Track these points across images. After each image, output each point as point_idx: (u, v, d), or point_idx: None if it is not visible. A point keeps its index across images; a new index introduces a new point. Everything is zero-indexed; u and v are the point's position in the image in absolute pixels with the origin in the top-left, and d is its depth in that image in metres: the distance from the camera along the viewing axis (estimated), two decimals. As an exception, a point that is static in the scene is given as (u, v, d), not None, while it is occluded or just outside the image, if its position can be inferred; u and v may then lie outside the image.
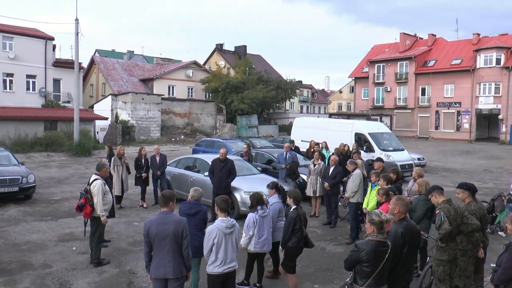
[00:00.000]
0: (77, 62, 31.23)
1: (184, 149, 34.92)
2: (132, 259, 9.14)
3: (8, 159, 16.27)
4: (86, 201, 8.41)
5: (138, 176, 14.23)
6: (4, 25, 40.23)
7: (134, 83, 49.91)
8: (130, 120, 39.97)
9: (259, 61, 66.67)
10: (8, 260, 9.02)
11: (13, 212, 13.36)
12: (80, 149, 29.36)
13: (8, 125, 31.28)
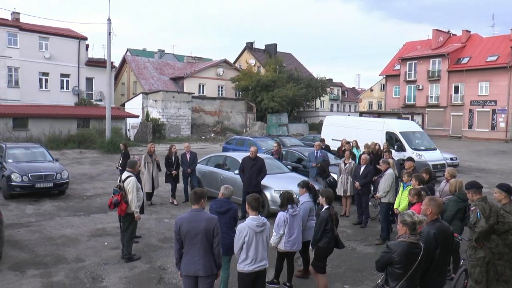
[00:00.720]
0: (109, 61, 31.70)
1: (214, 147, 35.08)
2: (163, 255, 9.23)
3: (43, 155, 16.70)
4: (121, 198, 8.53)
5: (169, 173, 14.34)
6: (41, 26, 41.36)
7: (165, 82, 50.42)
8: (161, 118, 40.39)
9: (290, 59, 66.44)
10: (43, 253, 9.27)
11: (48, 207, 13.70)
12: (111, 146, 29.78)
13: (43, 123, 32.03)
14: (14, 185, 14.34)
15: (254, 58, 62.16)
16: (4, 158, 15.81)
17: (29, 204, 13.99)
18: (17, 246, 9.74)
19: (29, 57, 39.29)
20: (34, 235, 10.62)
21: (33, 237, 10.46)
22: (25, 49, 39.27)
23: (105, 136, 30.58)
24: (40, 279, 7.95)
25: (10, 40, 38.82)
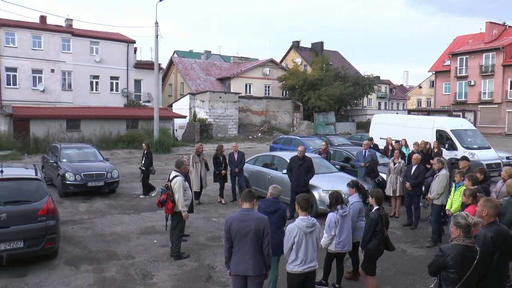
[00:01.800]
0: (157, 63, 32.31)
1: (261, 146, 35.16)
2: (211, 254, 9.31)
3: (94, 155, 17.23)
4: (167, 197, 8.68)
5: (217, 173, 14.44)
6: (91, 31, 42.79)
7: (212, 82, 50.95)
8: (208, 118, 40.83)
9: (336, 57, 65.77)
10: (96, 250, 9.57)
11: (99, 205, 14.11)
12: (159, 146, 30.34)
13: (94, 124, 33.05)
14: (68, 183, 14.91)
15: (301, 57, 61.85)
16: (59, 158, 16.41)
17: (82, 202, 14.46)
18: (72, 242, 10.10)
19: (81, 61, 40.77)
20: (87, 231, 10.97)
21: (86, 233, 10.80)
22: (77, 54, 40.76)
23: (153, 136, 31.16)
24: (93, 274, 8.20)
25: (64, 46, 40.47)
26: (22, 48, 38.68)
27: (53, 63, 39.87)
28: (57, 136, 30.65)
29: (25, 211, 8.29)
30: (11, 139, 29.22)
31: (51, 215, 8.50)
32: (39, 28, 40.14)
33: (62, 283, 7.80)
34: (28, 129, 30.87)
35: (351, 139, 29.48)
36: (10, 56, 38.15)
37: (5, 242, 7.97)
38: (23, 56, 38.60)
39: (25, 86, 38.91)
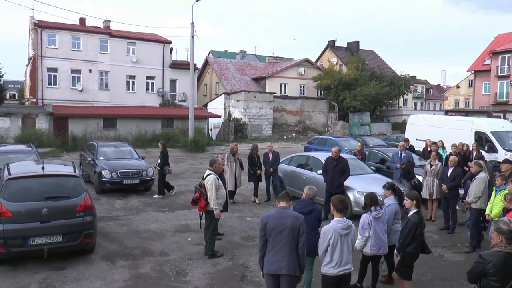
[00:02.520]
0: (193, 63, 32.60)
1: (296, 146, 35.06)
2: (245, 253, 9.32)
3: (130, 153, 17.54)
4: (200, 195, 8.75)
5: (252, 172, 14.44)
6: (128, 32, 43.69)
7: (247, 82, 51.07)
8: (243, 118, 40.93)
9: (372, 56, 64.93)
10: (131, 246, 9.73)
11: (135, 202, 14.35)
12: (194, 146, 30.61)
13: (130, 123, 33.60)
14: (104, 180, 15.25)
15: (336, 56, 61.37)
16: (96, 155, 16.76)
17: (118, 199, 14.74)
18: (108, 238, 10.31)
19: (118, 61, 41.62)
20: (122, 228, 11.17)
21: (121, 230, 11.01)
22: (115, 54, 41.63)
23: (188, 136, 31.46)
24: (129, 270, 8.35)
25: (101, 46, 41.51)
26: (62, 49, 39.82)
27: (91, 63, 40.85)
28: (94, 135, 31.35)
29: (64, 206, 8.53)
30: (51, 137, 30.06)
31: (89, 211, 8.73)
32: (78, 30, 41.27)
33: (98, 277, 7.98)
34: (67, 127, 31.68)
35: (386, 140, 29.09)
36: (51, 57, 39.34)
37: (46, 236, 8.25)
38: (63, 57, 39.74)
39: (64, 86, 40.02)
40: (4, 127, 29.98)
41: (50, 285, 7.65)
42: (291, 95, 49.59)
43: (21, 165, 10.16)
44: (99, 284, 7.70)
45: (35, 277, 7.96)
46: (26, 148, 16.56)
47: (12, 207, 8.15)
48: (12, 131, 29.92)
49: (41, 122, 31.08)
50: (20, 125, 30.49)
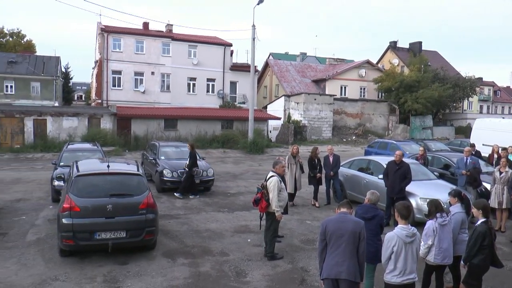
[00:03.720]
0: (253, 65, 32.80)
1: (356, 150, 34.55)
2: (305, 256, 9.21)
3: (191, 154, 17.75)
4: (262, 196, 8.72)
5: (312, 175, 14.29)
6: (190, 35, 44.67)
7: (307, 84, 50.83)
8: (302, 120, 40.76)
9: (435, 57, 62.99)
10: (191, 245, 9.87)
11: (195, 202, 14.56)
12: (253, 147, 30.80)
13: (190, 124, 34.27)
14: (165, 180, 15.59)
15: (398, 57, 59.99)
16: (157, 155, 17.15)
17: (178, 198, 14.97)
18: (168, 235, 10.50)
19: (179, 64, 42.64)
20: (183, 226, 11.35)
21: (182, 228, 11.18)
22: (176, 57, 42.69)
23: (248, 137, 31.68)
24: (189, 268, 8.47)
25: (164, 50, 42.72)
26: (127, 52, 41.32)
27: (154, 66, 42.09)
28: (155, 135, 32.22)
29: (128, 204, 8.78)
30: (115, 136, 31.25)
31: (151, 209, 8.93)
32: (142, 34, 42.66)
33: (159, 273, 8.14)
34: (129, 127, 32.76)
35: (449, 144, 28.05)
36: (115, 60, 40.91)
37: (110, 231, 8.54)
38: (127, 60, 41.22)
39: (128, 88, 41.46)
40: (72, 126, 31.42)
41: (114, 278, 7.89)
42: (351, 97, 48.90)
43: (88, 163, 10.58)
44: (160, 280, 7.85)
45: (100, 270, 8.27)
46: (92, 146, 17.30)
47: (80, 203, 8.49)
48: (79, 130, 31.31)
49: (105, 122, 32.28)
50: (87, 124, 31.84)
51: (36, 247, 9.56)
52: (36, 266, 8.43)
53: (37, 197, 15.00)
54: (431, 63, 55.76)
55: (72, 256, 8.84)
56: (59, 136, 30.78)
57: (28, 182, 17.94)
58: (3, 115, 30.50)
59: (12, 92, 49.71)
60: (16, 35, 74.73)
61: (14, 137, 30.43)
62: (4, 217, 12.09)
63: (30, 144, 30.05)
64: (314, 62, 64.85)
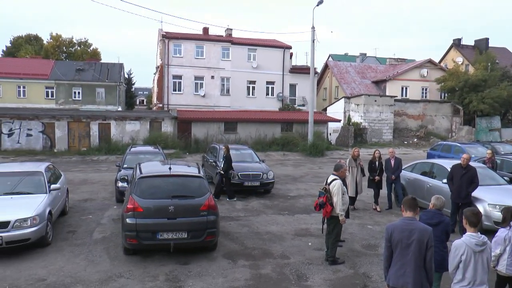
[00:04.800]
0: (313, 67, 32.60)
1: (417, 152, 33.60)
2: (366, 262, 9.00)
3: (251, 156, 17.91)
4: (326, 200, 8.57)
5: (371, 178, 14.01)
6: (249, 39, 45.23)
7: (367, 85, 49.99)
8: (362, 122, 40.13)
9: (504, 54, 59.83)
10: (252, 247, 9.88)
11: (255, 204, 14.59)
12: (313, 150, 30.61)
13: (250, 127, 34.47)
14: (226, 182, 15.61)
15: (462, 55, 57.71)
16: (218, 158, 17.33)
17: (239, 200, 15.11)
18: (229, 237, 10.57)
19: (238, 67, 43.20)
20: (243, 228, 11.39)
21: (242, 230, 11.23)
22: (236, 61, 43.30)
23: (307, 140, 31.51)
24: (250, 269, 8.47)
25: (223, 54, 43.49)
26: (187, 57, 42.32)
27: (213, 70, 42.84)
28: (215, 138, 32.66)
29: (189, 205, 8.92)
30: (175, 139, 32.03)
31: (212, 211, 9.02)
32: (202, 39, 43.57)
33: (220, 274, 8.20)
34: (190, 131, 33.41)
35: (520, 147, 26.65)
36: (176, 65, 42.02)
37: (172, 232, 8.70)
38: (187, 65, 42.22)
39: (188, 92, 42.43)
40: (135, 130, 32.41)
41: (175, 278, 8.03)
42: (412, 98, 47.55)
43: (151, 165, 10.83)
44: (221, 281, 7.90)
45: (162, 269, 8.45)
46: (153, 149, 17.73)
47: (143, 203, 8.72)
48: (141, 133, 32.27)
49: (166, 126, 33.06)
50: (148, 128, 32.74)
51: (102, 245, 9.95)
52: (102, 263, 8.78)
53: (102, 198, 15.55)
54: (499, 60, 53.14)
55: (136, 255, 9.12)
56: (122, 139, 31.91)
57: (94, 183, 18.62)
58: (72, 120, 31.96)
59: (79, 98, 52.17)
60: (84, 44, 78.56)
61: (81, 140, 31.85)
62: (73, 216, 12.67)
63: (96, 147, 31.38)
64: (374, 62, 63.68)
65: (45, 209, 9.86)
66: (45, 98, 52.09)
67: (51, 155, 29.20)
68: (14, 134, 30.91)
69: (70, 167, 23.95)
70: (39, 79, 52.08)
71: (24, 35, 77.93)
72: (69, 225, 11.65)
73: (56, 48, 74.77)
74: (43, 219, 9.57)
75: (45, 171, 11.56)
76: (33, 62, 57.04)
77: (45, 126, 31.39)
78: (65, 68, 54.84)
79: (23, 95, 52.07)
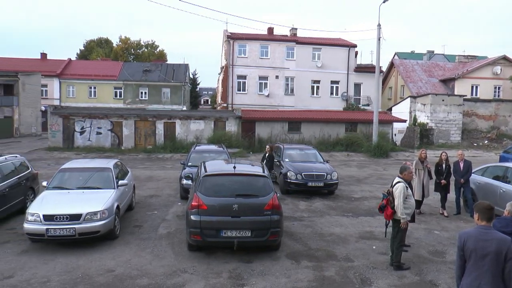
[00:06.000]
0: (378, 66, 31.87)
1: (488, 155, 32.11)
2: (433, 269, 8.62)
3: (315, 157, 17.75)
4: (387, 203, 8.38)
5: (438, 182, 13.45)
6: (314, 38, 45.07)
7: (434, 84, 48.36)
8: (429, 123, 38.86)
9: None
10: (315, 248, 9.79)
11: (318, 205, 14.44)
12: (378, 151, 29.96)
13: (314, 127, 34.23)
14: (289, 182, 15.69)
15: (540, 54, 54.70)
16: (282, 157, 17.35)
17: (302, 200, 15.01)
18: (292, 237, 10.52)
19: (303, 67, 43.14)
20: (306, 229, 11.30)
21: (305, 231, 11.14)
22: (300, 60, 43.27)
23: (372, 140, 30.92)
24: (313, 271, 8.38)
25: (288, 54, 43.63)
26: (251, 58, 42.73)
27: (278, 70, 42.98)
28: (279, 137, 32.69)
29: (253, 204, 8.94)
30: (239, 139, 32.33)
31: (276, 210, 8.99)
32: (266, 39, 43.84)
33: (283, 274, 8.17)
34: (253, 130, 33.61)
35: None
36: (241, 65, 42.53)
37: (236, 230, 8.76)
38: (252, 65, 42.62)
39: (252, 92, 42.78)
40: (199, 129, 33.00)
41: (239, 276, 8.09)
42: (483, 97, 45.39)
43: (215, 164, 10.97)
44: (284, 281, 7.86)
45: (225, 266, 8.55)
46: (218, 148, 17.98)
47: (207, 201, 8.84)
48: (206, 132, 32.80)
49: (230, 125, 33.42)
50: (212, 127, 33.24)
51: (166, 240, 10.20)
52: (167, 258, 9.01)
53: (167, 194, 15.92)
54: None
55: (199, 251, 9.28)
56: (186, 138, 32.61)
57: (159, 180, 19.09)
58: (138, 119, 33.02)
59: (146, 98, 54.09)
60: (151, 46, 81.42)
61: (147, 139, 32.85)
62: (140, 211, 13.09)
63: (161, 145, 32.24)
64: (442, 60, 61.45)
65: (113, 203, 10.26)
66: (113, 98, 54.53)
67: (119, 152, 30.30)
68: (86, 132, 32.39)
69: (136, 164, 24.70)
70: (108, 80, 54.59)
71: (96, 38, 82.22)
72: (135, 220, 12.05)
73: (125, 50, 77.91)
74: (111, 213, 9.97)
75: (114, 168, 12.00)
76: (103, 64, 59.91)
77: (113, 125, 32.68)
78: (132, 69, 57.03)
79: (93, 95, 54.81)
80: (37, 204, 9.90)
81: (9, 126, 46.16)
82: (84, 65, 59.17)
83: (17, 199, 12.31)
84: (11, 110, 46.51)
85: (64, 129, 32.27)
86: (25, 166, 13.59)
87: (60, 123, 32.26)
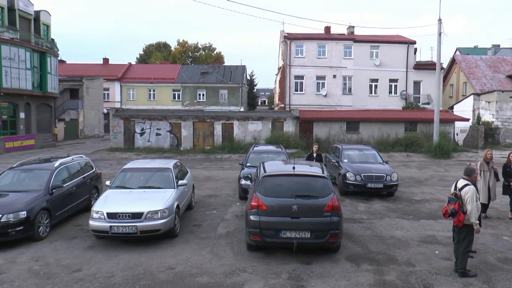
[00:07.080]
0: (439, 63, 30.84)
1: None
2: (503, 278, 8.18)
3: (374, 157, 17.42)
4: (458, 208, 7.99)
5: (506, 184, 12.79)
6: (371, 36, 44.44)
7: (500, 80, 46.23)
8: (494, 121, 37.27)
9: None
10: (375, 251, 9.62)
11: (378, 206, 14.18)
12: (438, 151, 29.02)
13: (372, 126, 33.63)
14: (348, 183, 15.52)
15: None
16: (340, 158, 17.16)
17: (361, 202, 14.80)
18: (352, 239, 10.39)
19: (360, 65, 42.52)
20: (366, 231, 11.12)
21: (365, 233, 10.96)
22: (358, 59, 42.67)
23: (432, 140, 30.02)
24: (373, 275, 8.23)
25: (345, 52, 43.17)
26: (308, 57, 42.56)
27: (335, 69, 42.57)
28: (337, 137, 32.38)
29: (313, 205, 8.88)
30: (297, 139, 32.30)
31: (335, 212, 8.90)
32: (323, 38, 43.58)
33: (343, 277, 8.07)
34: (311, 130, 33.49)
35: None
36: (298, 66, 42.44)
37: (295, 231, 8.75)
38: (309, 65, 42.43)
39: (309, 92, 42.61)
40: (257, 130, 33.21)
41: (298, 277, 8.07)
42: (556, 94, 43.09)
43: (274, 164, 10.99)
44: (344, 284, 7.77)
45: (284, 267, 8.55)
46: (276, 148, 17.99)
47: (267, 202, 8.88)
48: (263, 133, 32.96)
49: (288, 125, 33.41)
50: (270, 127, 33.36)
51: (226, 240, 10.34)
52: (226, 257, 9.14)
53: (225, 194, 16.11)
54: None
55: (258, 251, 9.34)
56: (244, 138, 32.91)
57: (218, 180, 19.34)
58: (197, 120, 33.69)
59: (203, 100, 55.16)
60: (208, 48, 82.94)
61: (205, 140, 33.46)
62: (199, 211, 13.36)
63: (219, 145, 32.75)
64: (509, 54, 58.51)
65: (173, 203, 10.51)
66: (172, 100, 56.02)
67: (178, 153, 30.97)
68: (145, 133, 33.41)
69: (195, 164, 25.13)
70: (167, 83, 56.20)
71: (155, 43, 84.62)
72: (195, 219, 12.28)
73: (183, 53, 79.77)
74: (172, 212, 10.22)
75: (173, 168, 12.29)
76: (162, 67, 61.76)
77: (172, 126, 33.53)
78: (190, 72, 58.34)
79: (152, 97, 56.59)
80: (101, 203, 10.32)
81: (75, 128, 48.49)
82: (143, 69, 61.13)
83: (83, 197, 12.91)
84: (77, 113, 48.81)
85: (125, 131, 33.45)
86: (89, 166, 14.18)
87: (121, 125, 33.47)
